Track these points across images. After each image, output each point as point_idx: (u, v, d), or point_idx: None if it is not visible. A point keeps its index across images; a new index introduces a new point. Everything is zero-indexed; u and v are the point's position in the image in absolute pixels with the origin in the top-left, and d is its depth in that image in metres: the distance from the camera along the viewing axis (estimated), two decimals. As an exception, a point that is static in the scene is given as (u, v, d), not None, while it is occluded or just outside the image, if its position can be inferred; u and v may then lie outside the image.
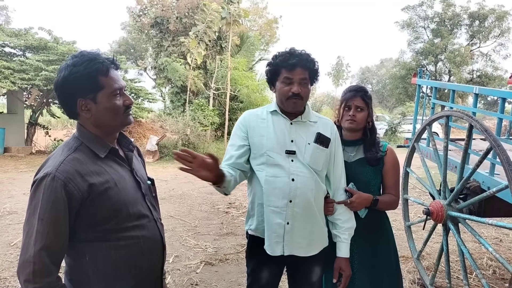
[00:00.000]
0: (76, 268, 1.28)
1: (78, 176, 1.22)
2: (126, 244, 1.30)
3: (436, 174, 5.35)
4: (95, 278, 1.28)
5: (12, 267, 3.72)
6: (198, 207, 6.30)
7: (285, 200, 1.71)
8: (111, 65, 1.29)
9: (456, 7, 22.99)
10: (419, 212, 5.54)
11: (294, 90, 1.69)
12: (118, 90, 1.30)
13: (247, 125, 1.81)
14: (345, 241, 1.81)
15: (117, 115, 1.31)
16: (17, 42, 12.13)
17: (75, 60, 1.26)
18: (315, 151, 1.74)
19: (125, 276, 1.31)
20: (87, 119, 1.30)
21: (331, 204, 1.83)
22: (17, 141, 13.41)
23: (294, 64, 1.68)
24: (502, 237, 4.80)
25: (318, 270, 1.84)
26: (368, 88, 2.38)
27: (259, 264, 1.84)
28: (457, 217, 2.77)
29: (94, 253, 1.27)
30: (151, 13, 16.98)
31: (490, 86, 21.35)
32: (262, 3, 25.50)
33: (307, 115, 1.81)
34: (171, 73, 15.29)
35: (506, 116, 2.96)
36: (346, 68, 32.04)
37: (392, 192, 2.07)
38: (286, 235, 1.72)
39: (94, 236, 1.27)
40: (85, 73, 1.24)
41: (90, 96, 1.26)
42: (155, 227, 1.41)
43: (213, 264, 3.88)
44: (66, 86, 1.26)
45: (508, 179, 2.20)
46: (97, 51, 1.32)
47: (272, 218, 1.72)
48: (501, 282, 3.51)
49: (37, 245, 1.14)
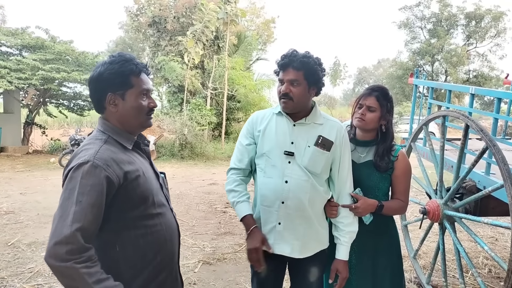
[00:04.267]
0: (105, 258, 1.30)
1: (115, 164, 1.29)
2: (152, 232, 1.38)
3: (433, 173, 5.39)
4: (125, 267, 1.33)
5: (10, 267, 3.71)
6: (196, 207, 6.31)
7: (278, 201, 1.74)
8: (143, 69, 1.40)
9: (452, 8, 23.07)
10: (416, 212, 5.57)
11: (281, 89, 1.71)
12: (145, 91, 1.40)
13: (254, 125, 1.86)
14: (345, 244, 1.81)
15: (141, 114, 1.40)
16: (13, 41, 12.08)
17: (113, 59, 1.36)
18: (314, 153, 1.73)
19: (151, 262, 1.39)
20: (112, 113, 1.38)
21: (334, 207, 1.82)
22: (14, 141, 13.36)
23: (284, 65, 1.70)
24: (498, 236, 4.84)
25: (316, 271, 1.84)
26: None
27: None
28: (453, 216, 2.80)
29: (124, 242, 1.33)
30: (148, 12, 16.93)
31: (487, 86, 21.44)
32: (259, 2, 25.55)
33: (313, 117, 1.78)
34: (168, 73, 15.26)
35: (501, 116, 2.98)
36: (343, 68, 32.02)
37: (401, 198, 1.99)
38: (277, 235, 1.77)
39: (124, 224, 1.33)
40: (119, 70, 1.34)
41: (119, 93, 1.35)
42: (172, 216, 1.51)
43: (211, 263, 3.89)
44: (100, 80, 1.35)
45: (504, 178, 2.22)
46: (134, 55, 1.43)
47: (265, 217, 1.79)
48: (497, 280, 3.54)
49: (73, 226, 1.16)
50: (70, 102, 14.85)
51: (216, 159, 12.85)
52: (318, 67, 1.71)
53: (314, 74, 1.70)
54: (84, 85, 12.90)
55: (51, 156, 12.45)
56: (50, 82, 11.82)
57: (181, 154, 12.71)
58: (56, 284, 3.38)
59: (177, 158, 12.57)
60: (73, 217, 1.16)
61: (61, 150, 12.77)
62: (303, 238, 1.77)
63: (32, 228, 4.98)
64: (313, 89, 1.74)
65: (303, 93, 1.71)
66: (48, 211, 5.83)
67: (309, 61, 1.68)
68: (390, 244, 2.07)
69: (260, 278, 1.87)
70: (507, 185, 2.20)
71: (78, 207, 1.18)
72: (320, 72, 1.73)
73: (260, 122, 1.84)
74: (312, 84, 1.72)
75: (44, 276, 3.52)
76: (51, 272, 3.55)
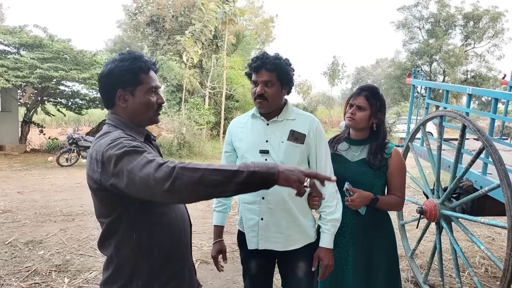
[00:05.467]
0: (123, 247, 1.32)
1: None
2: (166, 220, 1.39)
3: (430, 173, 5.41)
4: (142, 255, 1.33)
5: (7, 265, 3.71)
6: (194, 206, 6.31)
7: (258, 197, 1.81)
8: (152, 66, 1.43)
9: (450, 8, 23.13)
10: (413, 211, 5.59)
11: (256, 91, 1.78)
12: (154, 88, 1.43)
13: (231, 132, 1.97)
14: (327, 231, 1.83)
15: (149, 110, 1.43)
16: (11, 40, 12.02)
17: (123, 56, 1.40)
18: (288, 148, 1.79)
19: (168, 250, 1.39)
20: (122, 109, 1.41)
21: (315, 198, 1.85)
22: (11, 140, 13.32)
23: (257, 67, 1.77)
24: (495, 236, 4.86)
25: (304, 266, 1.86)
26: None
27: (247, 256, 1.96)
28: (450, 216, 2.81)
29: (140, 230, 1.33)
30: (147, 11, 16.93)
31: (484, 86, 21.51)
32: (258, 2, 25.50)
33: (284, 114, 1.85)
34: (166, 72, 15.26)
35: (498, 117, 3.00)
36: (341, 68, 32.09)
37: (397, 193, 2.03)
38: (261, 230, 1.82)
39: (140, 209, 1.32)
40: (129, 68, 1.37)
41: (129, 89, 1.38)
42: (184, 207, 1.54)
43: (209, 262, 3.89)
44: (110, 77, 1.38)
45: (500, 178, 2.23)
46: (142, 53, 1.46)
47: (247, 214, 1.86)
48: (493, 280, 3.56)
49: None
50: (68, 100, 14.81)
51: (214, 158, 12.85)
52: (289, 68, 1.80)
53: (286, 75, 1.79)
54: (82, 83, 12.86)
55: (49, 155, 12.42)
56: (48, 80, 11.77)
57: (179, 153, 12.71)
58: (53, 283, 3.38)
59: (175, 157, 12.56)
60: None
61: (59, 149, 12.73)
62: (286, 231, 1.82)
63: (29, 227, 4.97)
64: (285, 88, 1.82)
65: (277, 93, 1.79)
66: (46, 210, 5.82)
67: (281, 63, 1.77)
68: (387, 244, 2.08)
69: (251, 274, 1.97)
70: (504, 185, 2.21)
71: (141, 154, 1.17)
72: (291, 72, 1.82)
73: (236, 128, 1.95)
74: (284, 84, 1.80)
75: (42, 275, 3.52)
76: (48, 271, 3.56)
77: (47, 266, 3.72)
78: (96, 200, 1.34)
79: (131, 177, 1.12)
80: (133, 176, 1.11)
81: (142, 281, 1.33)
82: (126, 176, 1.14)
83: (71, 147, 10.75)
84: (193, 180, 1.05)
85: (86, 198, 1.31)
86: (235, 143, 1.92)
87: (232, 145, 1.95)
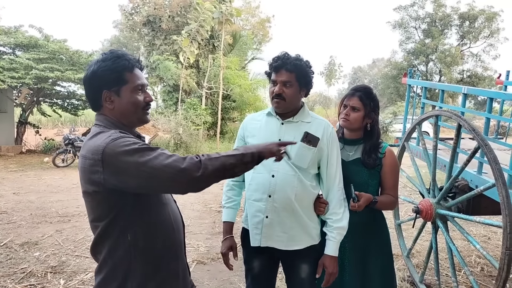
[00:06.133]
0: (118, 249, 1.31)
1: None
2: (161, 220, 1.39)
3: (426, 173, 5.42)
4: (137, 256, 1.33)
5: (2, 267, 3.68)
6: (190, 206, 6.30)
7: (265, 195, 1.81)
8: (136, 64, 1.40)
9: (446, 8, 23.20)
10: (409, 211, 5.61)
11: (275, 90, 1.79)
12: (140, 86, 1.40)
13: (244, 128, 1.97)
14: (333, 239, 1.83)
15: (137, 109, 1.40)
16: (6, 40, 11.95)
17: (105, 57, 1.37)
18: (301, 149, 1.78)
19: (163, 250, 1.39)
20: (109, 110, 1.38)
21: (322, 204, 1.85)
22: (7, 140, 13.24)
23: (277, 66, 1.78)
24: (490, 235, 4.88)
25: (307, 267, 1.86)
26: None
27: (250, 254, 1.97)
28: (446, 215, 2.82)
29: (135, 229, 1.32)
30: (143, 11, 16.88)
31: (480, 86, 21.59)
32: (254, 2, 25.48)
33: (300, 116, 1.85)
34: (163, 72, 15.23)
35: (493, 116, 3.01)
36: (338, 68, 32.14)
37: (391, 193, 2.06)
38: (265, 228, 1.83)
39: (136, 209, 1.31)
40: (112, 67, 1.34)
41: (114, 89, 1.35)
42: (176, 207, 1.54)
43: (205, 263, 3.89)
44: (94, 78, 1.35)
45: (495, 177, 2.24)
46: (125, 51, 1.44)
47: (252, 211, 1.86)
48: (489, 279, 3.57)
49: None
50: (64, 101, 14.72)
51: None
52: (309, 70, 1.81)
53: (306, 76, 1.80)
54: (78, 84, 12.80)
55: (44, 156, 12.35)
56: (44, 81, 11.71)
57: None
58: (49, 284, 3.36)
59: (172, 157, 12.52)
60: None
61: (54, 150, 12.67)
62: (290, 231, 1.82)
63: (25, 228, 4.94)
64: (303, 90, 1.83)
65: (295, 93, 1.80)
66: (41, 211, 5.80)
67: (301, 64, 1.78)
68: (381, 244, 2.10)
69: (254, 274, 1.96)
70: (499, 184, 2.22)
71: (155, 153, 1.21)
72: (310, 75, 1.82)
73: (250, 124, 1.95)
74: (303, 85, 1.81)
75: (37, 276, 3.50)
76: (43, 272, 3.54)
77: (43, 267, 3.70)
78: (92, 203, 1.32)
79: (150, 171, 1.17)
80: (155, 169, 1.17)
81: (137, 282, 1.32)
82: (143, 170, 1.18)
83: (67, 148, 10.69)
84: (218, 167, 1.23)
85: (82, 199, 1.31)
86: (248, 138, 1.92)
87: (244, 140, 1.94)
